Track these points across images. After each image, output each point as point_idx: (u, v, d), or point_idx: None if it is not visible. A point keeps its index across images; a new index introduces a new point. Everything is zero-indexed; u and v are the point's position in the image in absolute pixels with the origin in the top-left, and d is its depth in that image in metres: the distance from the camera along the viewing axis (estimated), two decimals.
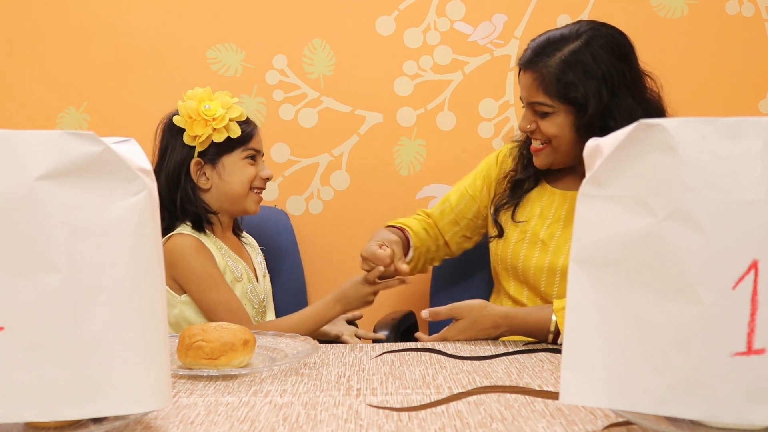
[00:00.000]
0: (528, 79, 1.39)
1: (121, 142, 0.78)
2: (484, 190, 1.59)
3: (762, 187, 0.69)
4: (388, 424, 0.85)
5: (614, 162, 0.76)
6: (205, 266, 1.42)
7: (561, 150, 1.40)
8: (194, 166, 1.47)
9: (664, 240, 0.72)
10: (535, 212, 1.48)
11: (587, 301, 0.77)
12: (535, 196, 1.50)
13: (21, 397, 0.72)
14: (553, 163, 1.44)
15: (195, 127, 1.43)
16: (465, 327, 1.32)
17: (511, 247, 1.48)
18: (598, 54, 1.35)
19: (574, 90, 1.34)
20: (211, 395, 0.97)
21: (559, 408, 0.90)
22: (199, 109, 1.43)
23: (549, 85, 1.36)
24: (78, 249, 0.73)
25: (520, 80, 1.43)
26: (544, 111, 1.38)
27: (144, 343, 0.76)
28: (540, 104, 1.38)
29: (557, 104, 1.37)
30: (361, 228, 1.91)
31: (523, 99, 1.42)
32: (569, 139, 1.39)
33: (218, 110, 1.42)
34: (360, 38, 1.98)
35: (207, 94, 1.46)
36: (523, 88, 1.41)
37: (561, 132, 1.38)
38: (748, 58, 1.99)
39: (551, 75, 1.35)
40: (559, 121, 1.38)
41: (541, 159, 1.44)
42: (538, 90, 1.37)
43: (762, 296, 0.70)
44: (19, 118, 1.98)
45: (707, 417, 0.73)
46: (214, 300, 1.40)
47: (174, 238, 1.43)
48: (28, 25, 1.98)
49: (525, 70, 1.40)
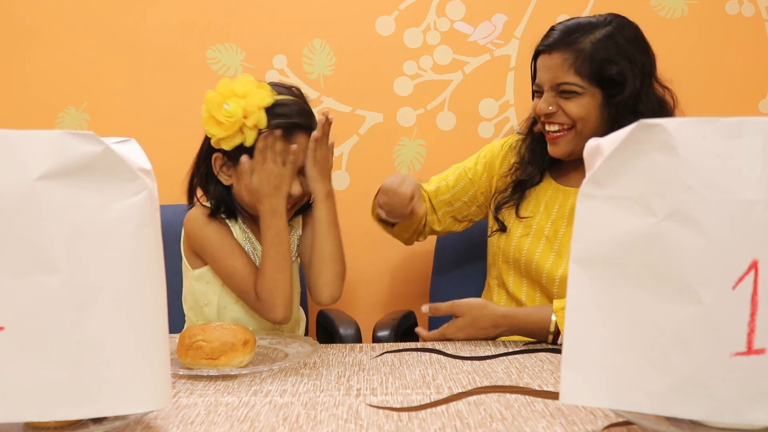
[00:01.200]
0: (556, 59, 1.37)
1: (121, 142, 0.78)
2: (485, 177, 1.58)
3: (762, 187, 0.69)
4: (388, 424, 0.85)
5: (614, 162, 0.76)
6: (221, 234, 1.34)
7: (585, 134, 1.36)
8: (217, 161, 1.32)
9: (664, 240, 0.72)
10: (540, 207, 1.47)
11: (587, 301, 0.77)
12: (539, 192, 1.50)
13: (21, 397, 0.72)
14: (574, 151, 1.40)
15: (209, 125, 1.28)
16: (464, 325, 1.32)
17: (514, 240, 1.48)
18: (630, 39, 1.37)
19: (610, 68, 1.35)
20: (211, 395, 0.97)
21: (559, 408, 0.90)
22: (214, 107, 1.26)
23: (582, 64, 1.35)
24: (78, 249, 0.73)
25: (541, 63, 1.40)
26: (571, 91, 1.36)
27: (144, 343, 0.76)
28: (569, 84, 1.35)
29: (587, 85, 1.35)
30: (361, 228, 1.91)
31: (545, 82, 1.39)
32: (595, 121, 1.37)
33: (237, 113, 1.24)
34: (360, 38, 1.98)
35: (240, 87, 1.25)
36: (547, 69, 1.38)
37: (588, 114, 1.36)
38: (748, 58, 1.99)
39: (586, 53, 1.35)
40: (585, 102, 1.36)
41: (561, 147, 1.40)
42: (569, 70, 1.35)
43: (762, 296, 0.70)
44: (19, 118, 1.98)
45: (707, 417, 0.73)
46: (229, 267, 1.32)
47: (191, 212, 1.38)
48: (28, 25, 1.98)
49: (552, 52, 1.37)
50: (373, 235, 1.72)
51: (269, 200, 1.27)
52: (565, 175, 1.49)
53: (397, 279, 2.03)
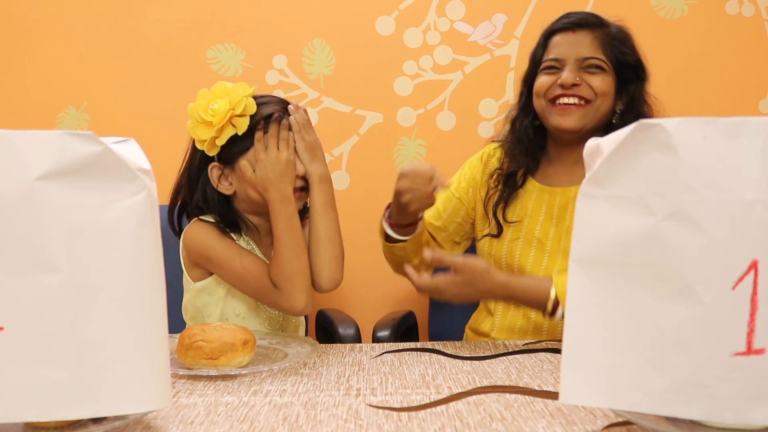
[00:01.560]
0: (585, 36, 1.41)
1: (121, 142, 0.78)
2: (470, 192, 1.56)
3: (762, 187, 0.69)
4: (387, 424, 0.85)
5: (614, 162, 0.76)
6: (224, 240, 1.33)
7: (600, 112, 1.41)
8: (214, 172, 1.32)
9: (664, 240, 0.72)
10: (527, 211, 1.47)
11: (587, 301, 0.77)
12: (523, 196, 1.49)
13: (21, 397, 0.72)
14: (584, 127, 1.40)
15: (199, 131, 1.29)
16: (461, 283, 1.27)
17: (506, 245, 1.47)
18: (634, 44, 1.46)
19: (628, 56, 1.42)
20: (210, 395, 0.97)
21: (559, 408, 0.90)
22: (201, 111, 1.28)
23: (610, 43, 1.41)
24: (78, 249, 0.73)
25: (563, 39, 1.42)
26: (598, 66, 1.40)
27: (144, 343, 0.76)
28: (598, 59, 1.40)
29: (609, 67, 1.41)
30: (361, 228, 1.91)
31: (569, 56, 1.41)
32: (610, 104, 1.42)
33: (223, 108, 1.25)
34: (360, 38, 1.98)
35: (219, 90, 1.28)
36: (573, 44, 1.41)
37: (609, 92, 1.41)
38: (748, 58, 1.99)
39: (613, 34, 1.42)
40: (609, 80, 1.41)
41: (574, 118, 1.40)
42: (598, 47, 1.41)
43: (762, 296, 0.70)
44: (19, 118, 1.98)
45: (707, 417, 0.73)
46: (239, 269, 1.30)
47: (189, 226, 1.36)
48: (28, 25, 1.98)
49: (577, 30, 1.42)
50: (373, 235, 1.72)
51: (277, 186, 1.27)
52: (549, 175, 1.49)
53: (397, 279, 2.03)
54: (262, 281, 1.27)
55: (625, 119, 1.41)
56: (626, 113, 1.42)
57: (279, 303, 1.27)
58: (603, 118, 1.42)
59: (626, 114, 1.42)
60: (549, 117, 1.42)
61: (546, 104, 1.42)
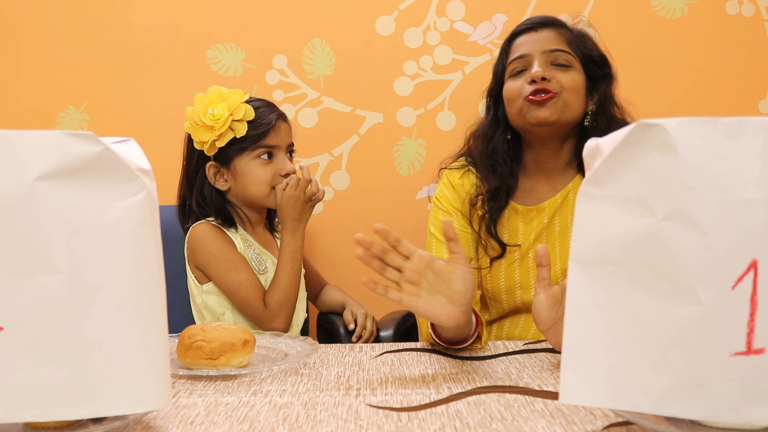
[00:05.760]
0: (549, 33, 1.41)
1: (121, 142, 0.78)
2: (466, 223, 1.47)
3: (762, 187, 0.69)
4: (387, 424, 0.85)
5: (614, 162, 0.76)
6: (224, 250, 1.45)
7: (571, 107, 1.38)
8: (210, 170, 1.48)
9: (663, 240, 0.72)
10: (518, 235, 1.45)
11: (587, 301, 0.77)
12: (507, 219, 1.46)
13: (21, 397, 0.72)
14: (558, 119, 1.37)
15: (199, 133, 1.44)
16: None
17: (503, 269, 1.45)
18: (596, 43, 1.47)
19: (593, 52, 1.43)
20: (210, 395, 0.97)
21: (559, 408, 0.90)
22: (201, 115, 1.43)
23: (572, 40, 1.42)
24: (78, 249, 0.73)
25: (527, 39, 1.42)
26: (565, 62, 1.39)
27: (144, 343, 0.76)
28: (562, 52, 1.39)
29: (576, 62, 1.40)
30: (361, 228, 1.91)
31: (535, 51, 1.39)
32: (578, 100, 1.39)
33: (223, 114, 1.42)
34: (360, 38, 1.98)
35: (216, 96, 1.44)
36: (537, 41, 1.41)
37: (576, 87, 1.39)
38: (748, 58, 1.99)
39: (575, 33, 1.43)
40: (576, 76, 1.39)
41: (548, 109, 1.37)
42: (562, 42, 1.41)
43: (761, 296, 0.70)
44: (19, 118, 1.98)
45: (707, 417, 0.73)
46: (234, 282, 1.42)
47: (193, 228, 1.48)
48: (28, 25, 1.98)
49: (540, 29, 1.42)
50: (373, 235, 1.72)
51: (293, 223, 1.46)
52: (530, 191, 1.47)
53: None
54: (253, 298, 1.41)
55: (597, 120, 1.41)
56: (598, 114, 1.41)
57: (263, 320, 1.41)
58: (575, 116, 1.39)
59: (598, 115, 1.41)
60: (527, 114, 1.38)
61: (522, 102, 1.38)
